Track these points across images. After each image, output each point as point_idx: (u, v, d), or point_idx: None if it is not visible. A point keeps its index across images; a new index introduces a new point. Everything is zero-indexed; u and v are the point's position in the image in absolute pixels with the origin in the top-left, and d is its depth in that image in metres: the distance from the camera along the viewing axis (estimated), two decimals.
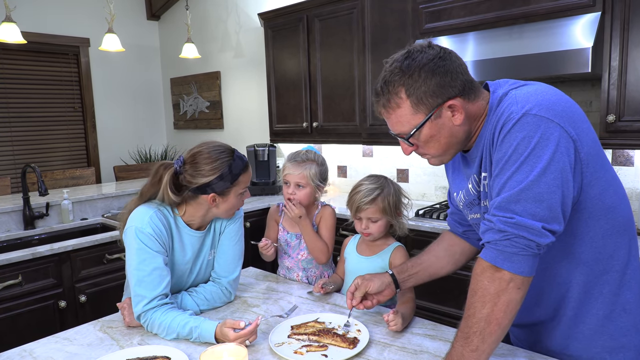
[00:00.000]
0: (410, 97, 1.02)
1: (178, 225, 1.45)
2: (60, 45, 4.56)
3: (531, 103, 0.95)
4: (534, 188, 0.91)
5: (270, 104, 3.71)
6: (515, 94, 1.00)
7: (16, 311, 2.16)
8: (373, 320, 1.41)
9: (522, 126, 0.93)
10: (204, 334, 1.28)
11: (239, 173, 1.41)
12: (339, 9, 3.11)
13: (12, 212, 2.68)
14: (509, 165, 0.94)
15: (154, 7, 5.15)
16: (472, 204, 1.16)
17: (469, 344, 0.96)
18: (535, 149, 0.92)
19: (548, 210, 0.91)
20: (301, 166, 1.75)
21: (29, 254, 2.19)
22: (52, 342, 1.33)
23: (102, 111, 4.93)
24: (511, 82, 1.08)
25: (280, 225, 1.88)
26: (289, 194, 1.76)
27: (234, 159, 1.40)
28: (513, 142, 0.94)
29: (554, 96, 0.97)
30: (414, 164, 3.21)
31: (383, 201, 1.53)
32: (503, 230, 0.93)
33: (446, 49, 1.06)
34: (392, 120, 1.07)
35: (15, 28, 3.09)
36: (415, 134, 1.05)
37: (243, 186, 1.44)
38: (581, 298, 1.06)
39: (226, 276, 1.55)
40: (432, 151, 1.09)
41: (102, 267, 2.46)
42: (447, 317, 2.46)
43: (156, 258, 1.35)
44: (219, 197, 1.41)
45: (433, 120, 1.03)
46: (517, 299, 0.94)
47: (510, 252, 0.93)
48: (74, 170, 3.75)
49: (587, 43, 1.96)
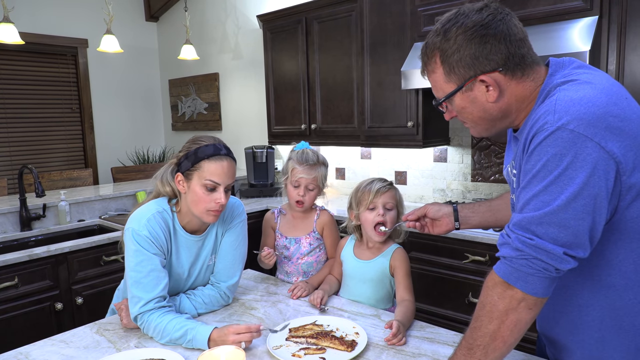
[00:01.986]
0: (444, 64, 0.96)
1: (176, 229, 1.45)
2: (58, 46, 4.55)
3: (570, 115, 0.83)
4: (560, 213, 0.83)
5: (268, 105, 3.70)
6: (557, 97, 0.88)
7: (12, 313, 2.15)
8: (371, 323, 1.41)
9: (554, 141, 0.83)
10: (198, 337, 1.26)
11: (203, 157, 1.36)
12: (338, 11, 3.12)
13: (9, 214, 2.67)
14: (537, 182, 0.86)
15: (153, 8, 5.14)
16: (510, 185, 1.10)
17: (472, 355, 0.94)
18: (568, 170, 0.82)
19: (573, 236, 0.84)
20: (314, 169, 1.74)
21: (25, 256, 2.18)
22: (49, 345, 1.32)
23: (100, 112, 4.91)
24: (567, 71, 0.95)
25: (277, 232, 1.85)
26: (300, 197, 1.74)
27: (207, 145, 1.38)
28: (543, 157, 0.85)
29: (602, 108, 0.84)
30: (412, 166, 3.21)
31: (396, 192, 1.61)
32: (520, 249, 0.86)
33: (502, 12, 0.95)
34: (431, 84, 1.03)
35: (13, 29, 3.08)
36: (445, 102, 0.99)
37: (207, 175, 1.36)
38: (609, 325, 0.94)
39: (225, 281, 1.54)
40: (468, 122, 1.02)
41: (99, 269, 2.45)
42: (446, 319, 2.46)
43: (153, 260, 1.35)
44: (185, 180, 1.39)
45: (464, 92, 0.97)
46: (527, 319, 0.89)
47: (526, 273, 0.86)
48: (72, 172, 3.74)
49: (585, 47, 1.96)
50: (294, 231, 1.82)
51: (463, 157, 2.95)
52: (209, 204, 1.38)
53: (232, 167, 1.41)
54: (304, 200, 1.74)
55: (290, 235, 1.82)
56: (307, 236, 1.81)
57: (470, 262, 2.35)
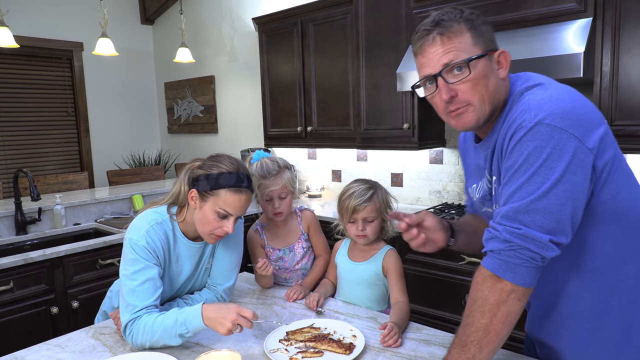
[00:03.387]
0: (471, 31, 0.99)
1: (176, 237, 1.43)
2: (54, 50, 4.54)
3: (545, 111, 0.90)
4: (544, 199, 0.89)
5: (264, 108, 3.70)
6: (529, 99, 0.95)
7: (7, 318, 2.14)
8: (368, 326, 1.41)
9: (534, 135, 0.90)
10: (190, 317, 1.25)
11: (223, 186, 1.33)
12: (333, 13, 3.12)
13: (4, 218, 2.65)
14: (519, 175, 0.92)
15: (148, 11, 5.14)
16: (484, 199, 1.13)
17: (466, 352, 0.95)
18: (548, 161, 0.89)
19: (557, 222, 0.89)
20: (279, 177, 1.67)
21: (20, 260, 2.17)
22: (44, 349, 1.31)
23: (96, 115, 4.90)
24: (524, 80, 1.03)
25: (267, 247, 1.78)
26: (276, 209, 1.69)
27: (230, 172, 1.34)
28: (524, 151, 0.91)
29: (569, 103, 0.92)
30: (408, 168, 3.22)
31: (378, 198, 1.56)
32: (509, 240, 0.91)
33: None
34: (448, 48, 0.98)
35: (7, 32, 3.07)
36: (474, 61, 0.97)
37: (223, 204, 1.33)
38: (598, 309, 1.00)
39: (222, 284, 1.54)
40: (477, 96, 0.99)
41: (95, 273, 2.44)
42: (442, 321, 2.46)
43: (150, 270, 1.34)
44: (198, 198, 1.36)
45: (487, 60, 0.99)
46: (517, 310, 0.93)
47: (514, 263, 0.91)
48: (67, 175, 3.72)
49: (579, 48, 1.98)
50: (285, 240, 1.79)
51: (459, 158, 2.95)
52: (217, 229, 1.36)
53: (249, 200, 1.39)
54: (282, 210, 1.70)
55: (282, 246, 1.78)
56: (298, 241, 1.79)
57: (466, 264, 2.35)
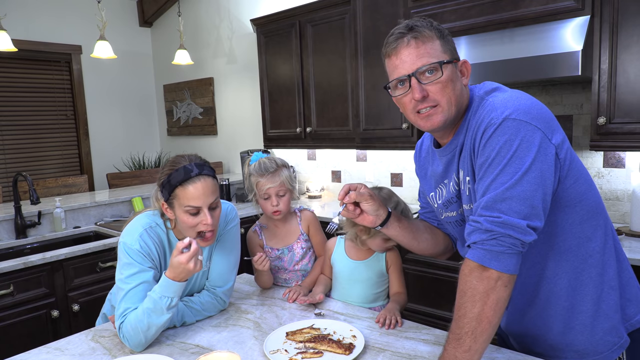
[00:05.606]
0: (440, 40, 1.09)
1: (170, 241, 1.44)
2: (52, 53, 4.54)
3: (510, 108, 1.00)
4: (518, 187, 0.96)
5: (263, 109, 3.71)
6: (492, 100, 1.05)
7: (8, 321, 2.14)
8: (367, 326, 1.41)
9: (503, 130, 0.98)
10: (163, 288, 1.27)
11: (176, 185, 1.31)
12: (331, 14, 3.13)
13: (4, 221, 2.65)
14: (493, 168, 0.99)
15: (146, 13, 5.14)
16: (449, 202, 1.19)
17: (462, 344, 0.97)
18: (518, 151, 0.97)
19: (531, 207, 0.96)
20: (277, 175, 1.68)
21: (20, 264, 2.17)
22: (44, 353, 1.31)
23: (95, 118, 4.90)
24: (481, 87, 1.13)
25: (266, 247, 1.79)
26: (275, 206, 1.69)
27: (177, 169, 1.32)
28: (496, 145, 0.99)
29: (528, 101, 1.02)
30: (408, 167, 3.22)
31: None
32: (490, 229, 0.96)
33: None
34: (421, 52, 1.07)
35: (5, 36, 3.08)
36: (445, 65, 1.06)
37: (184, 201, 1.31)
38: (573, 286, 1.09)
39: (221, 286, 1.54)
40: (446, 98, 1.07)
41: (95, 276, 2.44)
42: (441, 320, 2.46)
43: (144, 273, 1.34)
44: (169, 207, 1.36)
45: (453, 67, 1.09)
46: (505, 296, 0.98)
47: (497, 252, 0.96)
48: (67, 178, 3.72)
49: (577, 46, 1.97)
50: (283, 240, 1.79)
51: None
52: (198, 226, 1.35)
53: (208, 185, 1.34)
54: (280, 208, 1.70)
55: (280, 246, 1.78)
56: (297, 241, 1.79)
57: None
